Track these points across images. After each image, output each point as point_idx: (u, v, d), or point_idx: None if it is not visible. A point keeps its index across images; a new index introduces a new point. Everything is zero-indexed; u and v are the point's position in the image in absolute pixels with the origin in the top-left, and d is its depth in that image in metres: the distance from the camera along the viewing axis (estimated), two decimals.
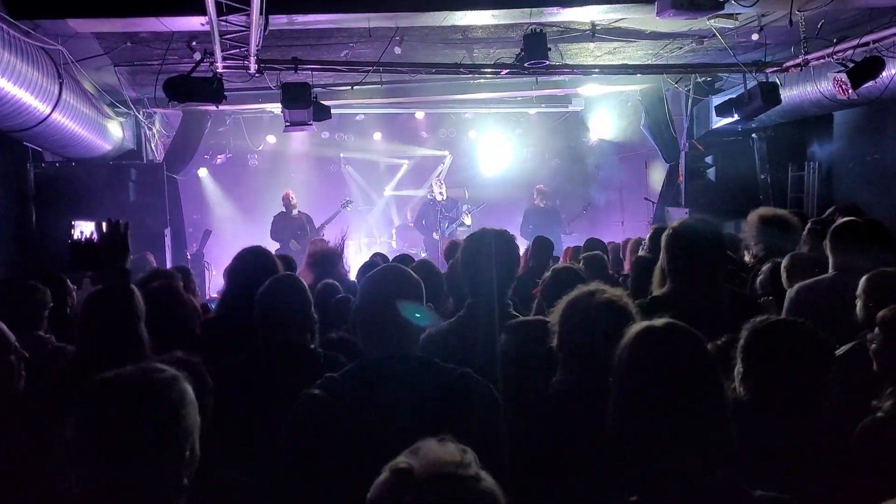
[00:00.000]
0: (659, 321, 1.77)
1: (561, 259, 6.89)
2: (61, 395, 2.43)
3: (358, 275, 4.66)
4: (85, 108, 7.33)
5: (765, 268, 4.23)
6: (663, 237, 3.14)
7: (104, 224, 2.68)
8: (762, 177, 10.33)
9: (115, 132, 8.87)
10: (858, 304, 2.94)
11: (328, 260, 5.22)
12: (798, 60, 7.58)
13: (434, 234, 11.36)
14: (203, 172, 12.89)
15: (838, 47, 7.02)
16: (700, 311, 2.62)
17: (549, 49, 7.01)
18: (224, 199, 13.24)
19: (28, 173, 8.37)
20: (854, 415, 2.24)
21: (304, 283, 3.18)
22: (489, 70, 8.29)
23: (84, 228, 7.61)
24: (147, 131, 10.11)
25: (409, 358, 2.14)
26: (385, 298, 2.16)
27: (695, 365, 1.70)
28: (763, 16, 6.88)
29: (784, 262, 4.01)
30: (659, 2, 5.12)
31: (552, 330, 2.42)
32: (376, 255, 6.21)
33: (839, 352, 2.67)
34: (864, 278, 2.96)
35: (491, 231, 3.11)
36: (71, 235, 7.48)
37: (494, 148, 14.08)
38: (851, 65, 6.83)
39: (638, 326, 1.80)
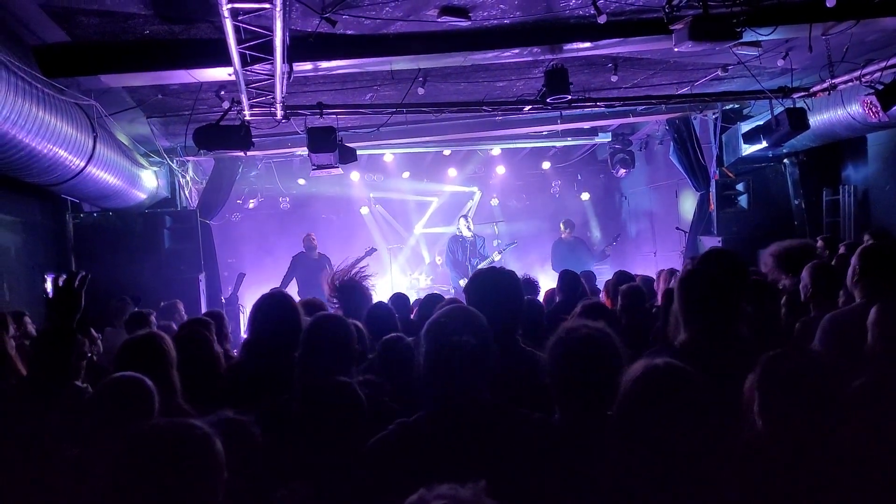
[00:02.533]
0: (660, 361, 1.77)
1: (602, 295, 6.85)
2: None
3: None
4: (119, 159, 7.53)
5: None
6: (675, 284, 3.05)
7: (60, 279, 2.59)
8: (796, 202, 10.16)
9: (149, 181, 9.08)
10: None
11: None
12: (825, 85, 7.51)
13: (461, 280, 11.30)
14: (236, 217, 13.11)
15: (866, 70, 6.94)
16: (720, 358, 2.56)
17: (571, 83, 7.03)
18: (257, 242, 13.42)
19: (67, 224, 8.61)
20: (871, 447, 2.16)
21: (347, 321, 3.18)
22: (512, 107, 8.34)
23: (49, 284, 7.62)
24: (180, 179, 10.33)
25: (482, 403, 2.11)
26: (454, 344, 2.12)
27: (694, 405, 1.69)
28: (787, 41, 6.84)
29: None
30: (676, 34, 5.12)
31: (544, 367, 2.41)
32: (395, 296, 6.19)
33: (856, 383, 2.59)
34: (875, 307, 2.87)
35: (494, 270, 3.21)
36: (45, 290, 7.49)
37: (522, 182, 14.10)
38: (881, 87, 6.74)
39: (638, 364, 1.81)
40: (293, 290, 10.79)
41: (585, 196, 14.56)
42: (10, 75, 4.74)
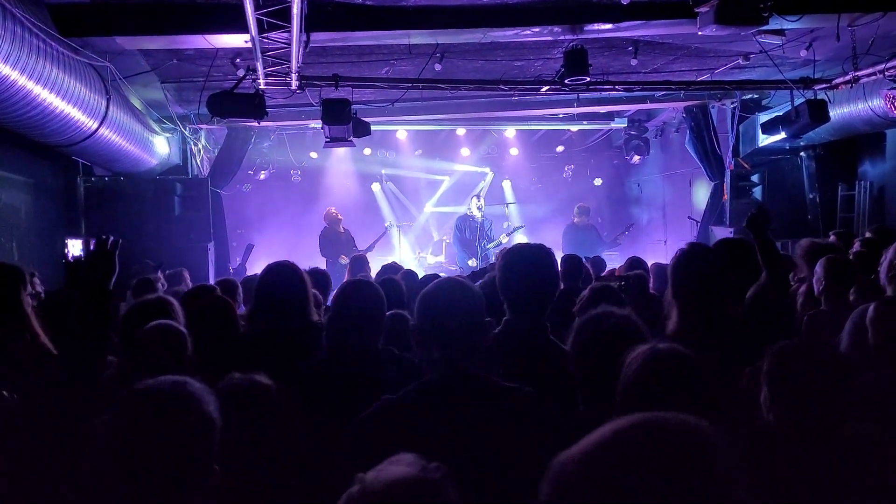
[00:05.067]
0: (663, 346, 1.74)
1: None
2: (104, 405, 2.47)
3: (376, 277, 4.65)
4: (132, 123, 7.50)
5: None
6: (669, 266, 2.97)
7: (92, 241, 2.62)
8: (811, 196, 10.08)
9: (161, 147, 9.06)
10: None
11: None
12: (848, 77, 7.39)
13: (470, 260, 11.23)
14: (247, 187, 13.08)
15: (890, 63, 6.83)
16: (711, 344, 2.51)
17: (590, 66, 6.94)
18: (267, 213, 13.40)
19: (78, 187, 8.60)
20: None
21: (378, 287, 3.14)
22: (529, 87, 8.25)
23: (75, 247, 7.62)
24: (192, 147, 10.29)
25: (471, 378, 2.07)
26: (446, 313, 2.09)
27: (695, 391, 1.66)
28: (812, 31, 6.73)
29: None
30: (701, 17, 5.03)
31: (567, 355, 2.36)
32: (403, 273, 6.10)
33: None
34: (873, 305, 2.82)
35: (530, 245, 3.01)
36: (65, 255, 7.48)
37: (535, 165, 14.02)
38: None
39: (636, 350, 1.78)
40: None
41: (598, 181, 14.47)
42: (24, 31, 4.70)
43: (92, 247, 2.61)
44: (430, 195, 14.60)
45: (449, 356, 2.07)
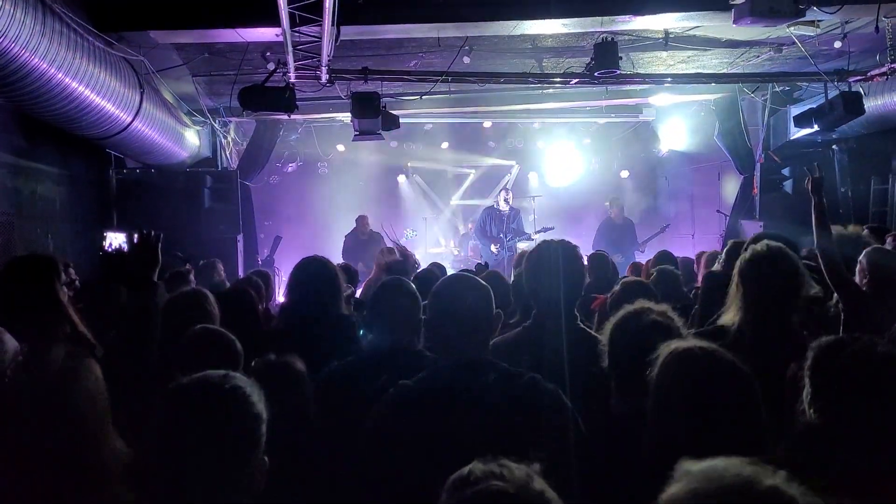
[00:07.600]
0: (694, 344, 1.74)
1: (630, 273, 6.71)
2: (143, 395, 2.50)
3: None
4: (164, 116, 7.58)
5: None
6: (738, 262, 2.96)
7: (136, 235, 2.68)
8: (842, 190, 9.91)
9: (191, 140, 9.14)
10: None
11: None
12: (883, 69, 7.27)
13: (493, 246, 11.17)
14: (275, 180, 13.16)
15: None
16: (769, 349, 2.50)
17: (621, 58, 6.89)
18: (294, 206, 13.47)
19: (111, 179, 8.70)
20: None
21: (413, 287, 3.14)
22: (558, 79, 8.21)
23: (114, 240, 7.66)
24: (222, 139, 10.38)
25: (478, 363, 2.15)
26: (455, 305, 2.20)
27: (732, 393, 1.68)
28: (846, 23, 6.62)
29: None
30: (736, 9, 4.97)
31: (603, 350, 2.39)
32: (433, 265, 6.16)
33: None
34: None
35: (557, 242, 3.08)
36: (102, 247, 7.54)
37: (562, 158, 13.93)
38: None
39: (675, 348, 1.77)
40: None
41: (625, 174, 14.34)
42: (62, 26, 4.78)
43: (135, 241, 2.67)
44: (456, 188, 14.59)
45: (455, 344, 2.18)
